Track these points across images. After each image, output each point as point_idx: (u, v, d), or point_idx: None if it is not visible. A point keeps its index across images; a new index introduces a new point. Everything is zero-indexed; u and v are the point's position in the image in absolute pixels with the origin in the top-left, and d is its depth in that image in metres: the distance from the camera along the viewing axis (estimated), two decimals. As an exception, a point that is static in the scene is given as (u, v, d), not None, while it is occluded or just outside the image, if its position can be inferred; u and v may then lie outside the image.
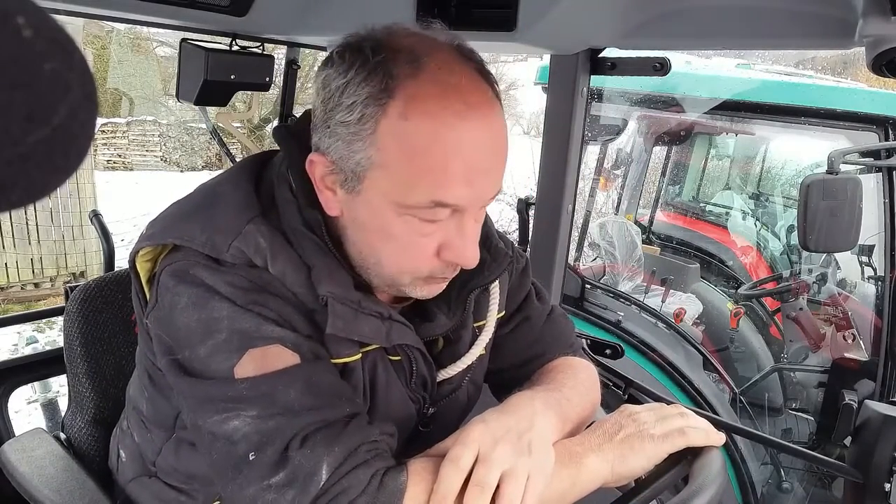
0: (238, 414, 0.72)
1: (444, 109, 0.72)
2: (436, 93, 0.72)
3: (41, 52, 0.25)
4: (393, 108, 0.72)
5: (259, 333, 0.75)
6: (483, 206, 0.81)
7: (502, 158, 0.79)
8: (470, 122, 0.73)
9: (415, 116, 0.72)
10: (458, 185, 0.74)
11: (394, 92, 0.72)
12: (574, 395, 0.92)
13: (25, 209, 3.90)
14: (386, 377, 0.88)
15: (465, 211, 0.77)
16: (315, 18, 1.53)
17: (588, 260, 3.69)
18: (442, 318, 0.91)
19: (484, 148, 0.75)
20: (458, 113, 0.72)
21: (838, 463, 1.40)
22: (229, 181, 0.86)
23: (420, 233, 0.77)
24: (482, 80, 0.78)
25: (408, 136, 0.72)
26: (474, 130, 0.74)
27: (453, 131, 0.72)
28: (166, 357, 0.80)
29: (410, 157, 0.73)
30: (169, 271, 0.79)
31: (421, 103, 0.72)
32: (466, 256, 0.79)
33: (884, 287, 2.56)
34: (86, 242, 6.52)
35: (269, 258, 0.78)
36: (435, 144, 0.72)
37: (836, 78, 3.90)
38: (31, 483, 1.05)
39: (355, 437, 0.73)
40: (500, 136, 0.78)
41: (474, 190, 0.75)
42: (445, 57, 0.76)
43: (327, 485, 0.69)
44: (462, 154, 0.73)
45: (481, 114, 0.74)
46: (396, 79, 0.72)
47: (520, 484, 0.72)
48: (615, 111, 3.26)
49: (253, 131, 10.92)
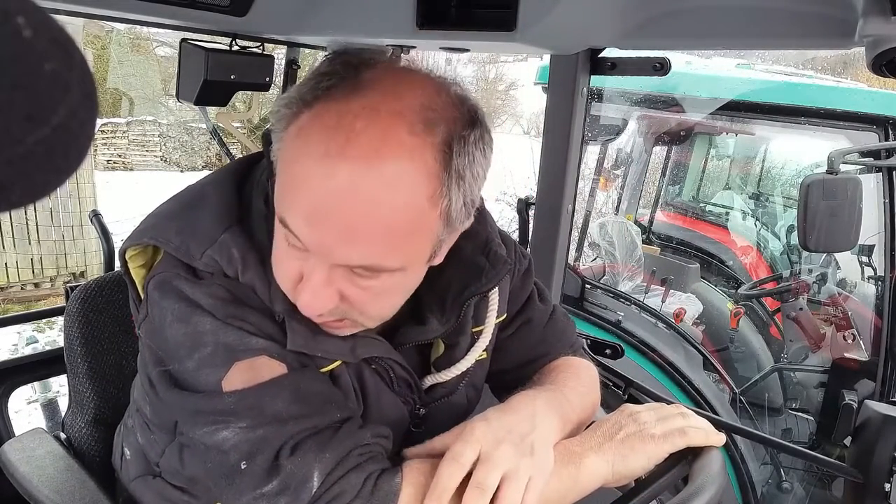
0: (227, 425, 0.72)
1: (321, 142, 0.66)
2: (333, 124, 0.66)
3: (41, 52, 0.25)
4: (303, 118, 0.69)
5: (244, 346, 0.75)
6: (337, 265, 0.70)
7: (369, 227, 0.67)
8: (337, 164, 0.65)
9: (304, 134, 0.68)
10: (299, 217, 0.68)
11: (312, 104, 0.69)
12: (575, 396, 0.91)
13: (25, 209, 3.90)
14: (374, 381, 0.88)
15: (313, 256, 0.70)
16: (315, 18, 1.53)
17: (588, 260, 3.69)
18: (434, 322, 0.90)
19: (335, 201, 0.66)
20: (326, 153, 0.66)
21: (838, 463, 1.40)
22: (214, 184, 0.85)
23: (287, 254, 0.73)
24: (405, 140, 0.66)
25: (290, 148, 0.70)
26: (337, 174, 0.65)
27: (311, 163, 0.66)
28: (157, 368, 0.80)
29: (282, 168, 0.71)
30: (154, 283, 0.79)
31: (315, 126, 0.68)
32: (300, 299, 0.72)
33: (884, 287, 2.56)
34: (86, 242, 6.52)
35: (241, 269, 0.78)
36: (296, 165, 0.68)
37: (836, 78, 3.90)
38: (31, 483, 1.05)
39: (346, 441, 0.73)
40: (373, 203, 0.66)
41: (314, 233, 0.68)
42: (381, 96, 0.68)
43: (319, 491, 0.69)
44: (310, 188, 0.66)
45: (355, 166, 0.65)
46: (324, 91, 0.69)
47: (520, 486, 0.71)
48: (615, 111, 3.26)
49: (253, 131, 10.90)
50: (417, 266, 0.77)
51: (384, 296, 0.76)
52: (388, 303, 0.79)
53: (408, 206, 0.68)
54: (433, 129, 0.68)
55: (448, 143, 0.69)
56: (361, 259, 0.69)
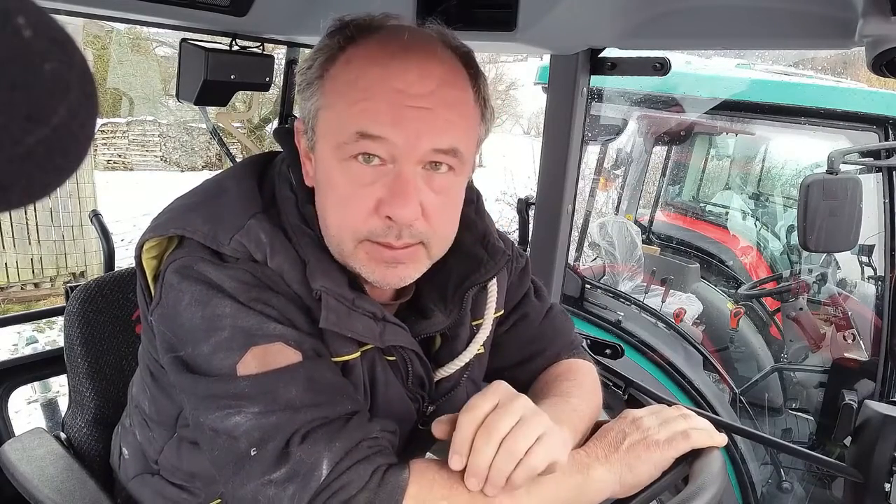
0: (240, 410, 0.72)
1: (381, 49, 0.76)
2: (379, 39, 0.77)
3: (41, 52, 0.25)
4: (341, 58, 0.78)
5: (261, 331, 0.75)
6: (424, 158, 0.76)
7: (444, 107, 0.76)
8: (402, 60, 0.75)
9: (354, 58, 0.77)
10: (383, 117, 0.74)
11: (346, 47, 0.78)
12: (582, 405, 0.91)
13: (25, 209, 3.90)
14: (385, 376, 0.88)
15: (401, 160, 0.75)
16: (315, 18, 1.52)
17: (588, 260, 3.69)
18: (438, 315, 0.91)
19: (415, 88, 0.74)
20: (391, 53, 0.75)
21: (838, 463, 1.40)
22: (234, 177, 0.87)
23: (359, 181, 0.77)
24: (441, 46, 0.79)
25: (345, 75, 0.77)
26: (407, 70, 0.74)
27: (380, 66, 0.75)
28: (169, 354, 0.80)
29: (343, 93, 0.77)
30: (173, 268, 0.79)
31: (363, 48, 0.77)
32: (397, 210, 0.75)
33: (884, 287, 2.56)
34: (86, 242, 6.53)
35: (269, 253, 0.79)
36: (362, 78, 0.76)
37: (836, 78, 3.90)
38: (31, 483, 1.05)
39: (356, 433, 0.73)
40: (441, 85, 0.76)
41: (403, 128, 0.74)
42: (408, 27, 0.79)
43: (328, 480, 0.69)
44: (388, 88, 0.74)
45: (418, 58, 0.75)
46: (352, 39, 0.78)
47: (530, 434, 0.70)
48: (615, 111, 3.26)
49: (253, 131, 10.91)
50: (468, 169, 0.84)
51: (450, 206, 0.83)
52: (452, 217, 0.85)
53: (465, 94, 0.80)
54: (453, 42, 0.82)
55: (466, 55, 0.82)
56: (448, 140, 0.77)
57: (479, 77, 0.83)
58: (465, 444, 0.70)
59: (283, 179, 0.87)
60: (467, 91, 0.80)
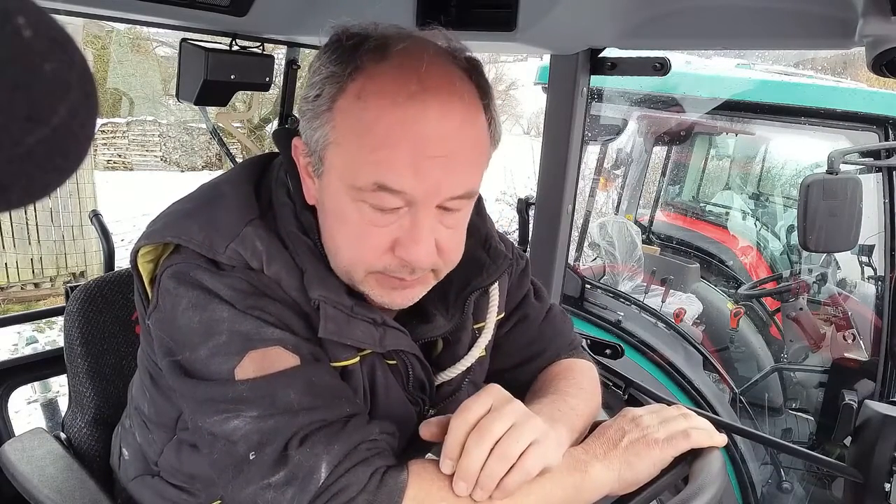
0: (238, 414, 0.72)
1: (397, 88, 0.71)
2: (393, 74, 0.71)
3: (41, 52, 0.25)
4: (351, 88, 0.73)
5: (259, 336, 0.75)
6: (441, 203, 0.75)
7: (463, 151, 0.74)
8: (422, 103, 0.70)
9: (368, 95, 0.72)
10: (404, 170, 0.71)
11: (355, 74, 0.73)
12: (580, 404, 0.91)
13: (25, 209, 3.90)
14: (385, 380, 0.88)
15: (418, 205, 0.74)
16: (315, 18, 1.53)
17: (588, 260, 3.69)
18: (440, 319, 0.91)
19: (436, 133, 0.71)
20: (411, 94, 0.70)
21: (838, 463, 1.40)
22: (230, 182, 0.86)
23: (372, 222, 0.75)
24: (456, 72, 0.75)
25: (359, 113, 0.72)
26: (427, 113, 0.70)
27: (400, 109, 0.70)
28: (167, 358, 0.80)
29: (359, 135, 0.73)
30: (169, 273, 0.79)
31: (376, 83, 0.72)
32: (413, 256, 0.75)
33: (884, 287, 2.56)
34: (86, 242, 6.52)
35: (265, 261, 0.79)
36: (380, 122, 0.71)
37: (836, 78, 3.90)
38: (31, 483, 1.05)
39: (355, 435, 0.73)
40: (461, 126, 0.73)
41: (423, 179, 0.72)
42: (419, 48, 0.74)
43: (326, 483, 0.69)
44: (409, 136, 0.70)
45: (438, 98, 0.71)
46: (360, 61, 0.73)
47: (522, 439, 0.70)
48: (615, 111, 3.26)
49: (253, 131, 10.91)
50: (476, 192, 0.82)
51: (460, 233, 0.82)
52: (462, 241, 0.84)
53: (481, 127, 0.77)
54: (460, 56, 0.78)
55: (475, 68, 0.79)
56: (464, 185, 0.75)
57: (488, 95, 0.80)
58: (457, 448, 0.70)
59: (281, 184, 0.86)
60: (481, 118, 0.78)
